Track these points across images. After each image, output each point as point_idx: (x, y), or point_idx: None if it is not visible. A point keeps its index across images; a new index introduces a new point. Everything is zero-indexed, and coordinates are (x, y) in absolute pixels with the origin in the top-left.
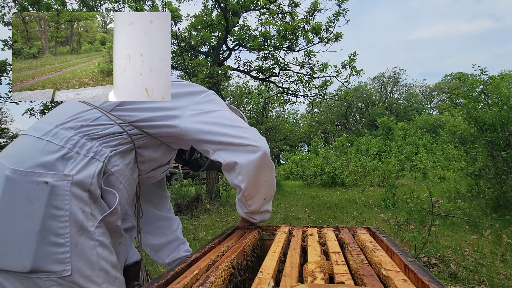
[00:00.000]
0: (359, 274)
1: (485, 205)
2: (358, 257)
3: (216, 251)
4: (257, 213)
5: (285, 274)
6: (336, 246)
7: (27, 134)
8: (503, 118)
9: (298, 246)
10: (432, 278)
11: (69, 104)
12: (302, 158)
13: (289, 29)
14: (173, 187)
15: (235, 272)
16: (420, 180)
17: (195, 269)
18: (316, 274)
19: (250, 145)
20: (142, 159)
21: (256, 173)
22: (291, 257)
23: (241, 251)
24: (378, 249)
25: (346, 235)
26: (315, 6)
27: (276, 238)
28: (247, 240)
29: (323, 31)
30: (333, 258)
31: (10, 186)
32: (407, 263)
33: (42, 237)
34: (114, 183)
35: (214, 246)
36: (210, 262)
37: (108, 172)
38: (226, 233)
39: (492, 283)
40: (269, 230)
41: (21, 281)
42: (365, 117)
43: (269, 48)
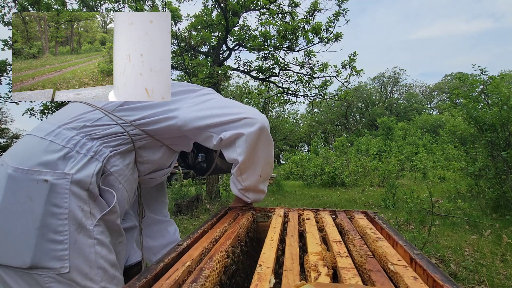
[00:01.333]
0: (364, 268)
1: (485, 205)
2: (361, 247)
3: (209, 236)
4: (251, 191)
5: (286, 268)
6: (335, 234)
7: (31, 134)
8: (503, 118)
9: (295, 232)
10: (444, 276)
11: (73, 105)
12: (302, 158)
13: (289, 29)
14: (173, 187)
15: (230, 261)
16: (420, 180)
17: (187, 259)
18: (320, 268)
19: (248, 118)
20: (141, 159)
21: (254, 145)
22: (290, 246)
23: (236, 237)
24: (380, 238)
25: (344, 220)
26: (315, 6)
27: (272, 222)
28: (240, 223)
29: (323, 31)
30: (335, 249)
31: (12, 183)
32: (413, 257)
33: (42, 234)
34: (113, 183)
35: (207, 230)
36: (203, 250)
37: (107, 172)
38: (219, 214)
39: (492, 283)
40: (263, 211)
41: (21, 276)
42: (365, 117)
43: (269, 48)
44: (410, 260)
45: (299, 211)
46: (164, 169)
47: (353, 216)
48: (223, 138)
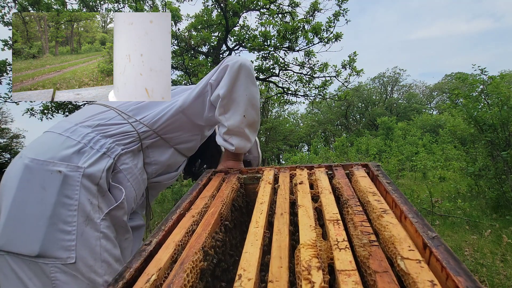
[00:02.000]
0: (368, 267)
1: (485, 205)
2: (363, 229)
3: (184, 225)
4: (234, 134)
5: (272, 277)
6: (332, 207)
7: (50, 131)
8: (503, 118)
9: (286, 206)
10: (470, 280)
11: (90, 106)
12: (302, 158)
13: (289, 29)
14: (173, 187)
15: (209, 258)
16: (420, 180)
17: (153, 269)
18: (313, 272)
19: (230, 62)
20: (148, 160)
21: (235, 77)
22: (279, 233)
23: (217, 220)
24: (385, 210)
25: (342, 182)
26: (315, 6)
27: (259, 194)
28: (223, 197)
29: (323, 31)
30: (332, 234)
31: (27, 173)
32: (428, 243)
33: (52, 223)
34: (121, 180)
35: (184, 212)
36: (174, 251)
37: (117, 169)
38: (200, 184)
39: (492, 283)
40: (251, 173)
41: (28, 265)
42: (365, 117)
43: (269, 48)
44: (423, 247)
45: (291, 171)
46: (171, 173)
47: (352, 173)
48: (212, 82)
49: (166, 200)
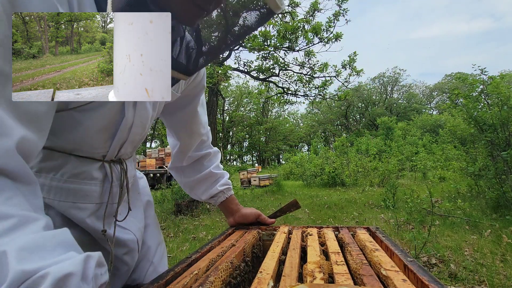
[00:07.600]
0: (358, 274)
1: (485, 205)
2: (357, 257)
3: (216, 251)
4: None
5: (285, 274)
6: (335, 246)
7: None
8: (503, 118)
9: (297, 246)
10: (431, 277)
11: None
12: (302, 158)
13: (289, 29)
14: (173, 187)
15: (234, 272)
16: (420, 180)
17: (195, 269)
18: (316, 274)
19: None
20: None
21: None
22: (291, 257)
23: (241, 251)
24: (377, 249)
25: (345, 235)
26: (315, 6)
27: (276, 238)
28: (246, 240)
29: (323, 31)
30: (333, 258)
31: None
32: (406, 263)
33: None
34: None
35: (214, 246)
36: (210, 262)
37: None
38: (226, 233)
39: (492, 283)
40: (269, 230)
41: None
42: (365, 117)
43: (269, 48)
44: (403, 267)
45: (303, 228)
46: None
47: (355, 232)
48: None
49: (166, 200)
